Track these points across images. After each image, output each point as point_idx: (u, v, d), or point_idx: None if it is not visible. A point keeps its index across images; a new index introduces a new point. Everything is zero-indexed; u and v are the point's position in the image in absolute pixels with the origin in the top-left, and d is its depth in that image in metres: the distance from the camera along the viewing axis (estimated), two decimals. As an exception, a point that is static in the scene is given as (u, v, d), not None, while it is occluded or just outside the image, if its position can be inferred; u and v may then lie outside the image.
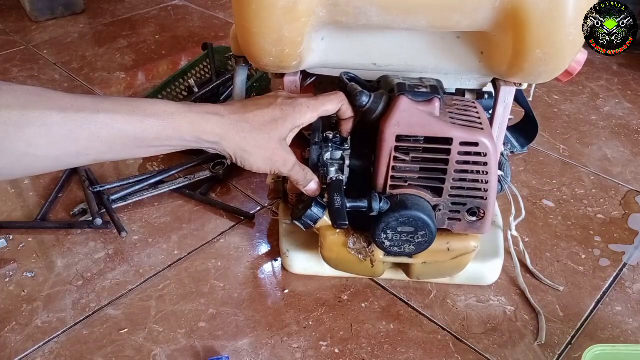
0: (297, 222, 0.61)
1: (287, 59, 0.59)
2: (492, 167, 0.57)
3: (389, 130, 0.55)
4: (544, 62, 0.56)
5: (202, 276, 0.77)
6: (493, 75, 0.63)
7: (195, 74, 1.18)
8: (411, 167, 0.58)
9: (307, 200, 0.61)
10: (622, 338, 0.69)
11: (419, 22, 0.56)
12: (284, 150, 0.56)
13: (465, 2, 0.53)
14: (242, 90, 0.74)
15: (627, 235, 0.84)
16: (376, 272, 0.68)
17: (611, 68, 1.33)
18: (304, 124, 0.57)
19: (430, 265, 0.66)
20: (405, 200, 0.58)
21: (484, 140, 0.55)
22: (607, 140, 1.08)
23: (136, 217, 0.87)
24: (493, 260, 0.74)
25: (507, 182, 0.71)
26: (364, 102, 0.56)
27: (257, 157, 0.55)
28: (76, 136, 0.45)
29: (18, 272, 0.77)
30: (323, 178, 0.60)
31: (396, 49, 0.62)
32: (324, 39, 0.61)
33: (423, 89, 0.56)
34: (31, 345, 0.67)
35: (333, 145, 0.60)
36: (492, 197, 0.59)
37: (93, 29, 1.53)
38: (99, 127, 0.46)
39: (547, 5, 0.52)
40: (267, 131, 0.54)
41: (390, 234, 0.59)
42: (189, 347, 0.67)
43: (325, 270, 0.73)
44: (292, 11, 0.54)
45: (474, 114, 0.58)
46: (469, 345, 0.68)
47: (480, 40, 0.60)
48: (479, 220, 0.60)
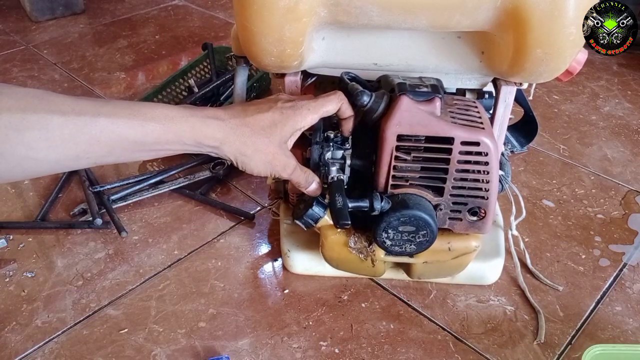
0: (298, 221, 0.61)
1: (288, 59, 0.59)
2: (494, 167, 0.57)
3: (390, 129, 0.55)
4: (544, 62, 0.56)
5: (202, 276, 0.77)
6: (494, 74, 0.63)
7: (195, 74, 1.18)
8: (412, 166, 0.58)
9: (308, 199, 0.61)
10: (622, 338, 0.69)
11: (419, 22, 0.56)
12: (284, 154, 0.56)
13: (466, 1, 0.53)
14: (243, 90, 0.73)
15: (627, 235, 0.84)
16: (377, 272, 0.68)
17: (611, 68, 1.33)
18: (305, 127, 0.57)
19: (431, 264, 0.66)
20: (407, 200, 0.58)
21: (485, 139, 0.55)
22: (607, 140, 1.08)
23: (136, 217, 0.87)
24: (494, 259, 0.74)
25: (508, 181, 0.71)
26: (365, 102, 0.56)
27: (258, 161, 0.55)
28: (77, 140, 0.45)
29: (18, 272, 0.77)
30: (324, 177, 0.60)
31: (397, 48, 0.62)
32: (325, 38, 0.61)
33: (424, 88, 0.56)
34: (31, 345, 0.67)
35: (334, 145, 0.60)
36: (493, 196, 0.59)
37: (93, 29, 1.53)
38: (100, 131, 0.46)
39: (548, 4, 0.52)
40: (267, 135, 0.54)
41: (392, 233, 0.59)
42: (189, 347, 0.67)
43: (327, 270, 0.73)
44: (293, 11, 0.54)
45: (475, 114, 0.58)
46: (469, 345, 0.68)
47: (481, 39, 0.60)
48: (480, 220, 0.60)
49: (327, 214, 0.61)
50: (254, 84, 1.10)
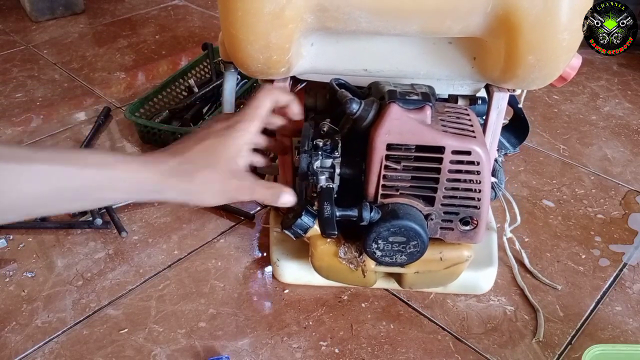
0: (287, 231, 0.60)
1: (275, 66, 0.58)
2: (485, 176, 0.56)
3: (380, 138, 0.54)
4: (537, 68, 0.55)
5: (202, 276, 0.77)
6: (486, 80, 0.62)
7: (195, 74, 1.18)
8: (402, 175, 0.57)
9: (297, 208, 0.60)
10: (622, 338, 0.69)
11: (409, 28, 0.55)
12: (236, 178, 0.52)
13: (458, 7, 0.53)
14: (232, 96, 0.72)
15: (627, 235, 0.84)
16: (368, 282, 0.67)
17: (611, 68, 1.33)
18: (252, 139, 0.53)
19: (422, 274, 0.65)
20: (397, 210, 0.57)
21: (477, 148, 0.54)
22: (607, 140, 1.08)
23: (136, 217, 0.87)
24: (487, 269, 0.73)
25: (501, 188, 0.70)
26: (354, 110, 0.55)
27: (210, 193, 0.51)
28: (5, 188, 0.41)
29: (18, 272, 0.77)
30: (313, 186, 0.58)
31: (387, 54, 0.61)
32: (314, 44, 0.60)
33: (414, 96, 0.55)
34: (31, 345, 0.67)
35: (323, 153, 0.58)
36: (485, 206, 0.58)
37: (93, 29, 1.53)
38: (35, 178, 0.42)
39: (540, 10, 0.51)
40: (210, 164, 0.51)
41: (382, 243, 0.58)
42: (189, 347, 0.67)
43: (317, 280, 0.71)
44: (279, 17, 0.53)
45: (467, 122, 0.57)
46: (469, 345, 0.68)
47: (473, 45, 0.59)
48: (472, 230, 0.59)
49: (317, 223, 0.59)
50: (253, 84, 1.10)
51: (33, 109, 1.15)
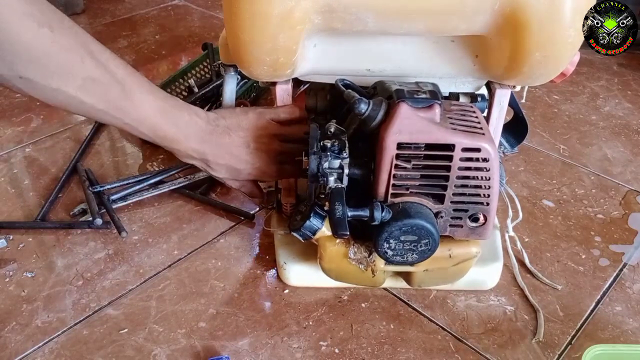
0: (295, 233, 0.60)
1: (281, 68, 0.58)
2: (494, 173, 0.56)
3: (390, 138, 0.54)
4: (542, 65, 0.55)
5: (202, 276, 0.77)
6: (488, 78, 0.63)
7: (195, 74, 1.18)
8: (412, 174, 0.57)
9: (304, 210, 0.60)
10: (622, 338, 0.69)
11: (416, 27, 0.55)
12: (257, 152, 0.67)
13: (465, 6, 0.53)
14: (232, 99, 0.72)
15: (627, 235, 0.84)
16: (377, 282, 0.67)
17: (611, 68, 1.33)
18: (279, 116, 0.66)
19: (431, 272, 0.65)
20: (408, 209, 0.57)
21: (486, 145, 0.54)
22: (607, 140, 1.08)
23: (136, 217, 0.87)
24: (492, 264, 0.73)
25: (503, 184, 0.71)
26: (363, 110, 0.55)
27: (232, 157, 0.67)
28: None
29: (18, 272, 0.77)
30: (322, 188, 0.58)
31: (390, 53, 0.61)
32: (316, 45, 0.60)
33: (422, 94, 0.55)
34: (31, 345, 0.67)
35: (331, 154, 0.58)
36: (494, 202, 0.58)
37: (93, 29, 1.53)
38: None
39: (547, 7, 0.51)
40: (242, 126, 0.66)
41: (393, 243, 0.58)
42: (189, 347, 0.67)
43: (323, 281, 0.71)
44: (288, 19, 0.53)
45: (474, 119, 0.58)
46: (469, 345, 0.68)
47: (475, 43, 0.59)
48: (481, 226, 0.60)
49: (325, 225, 0.60)
50: (253, 84, 1.10)
51: (33, 109, 1.15)
